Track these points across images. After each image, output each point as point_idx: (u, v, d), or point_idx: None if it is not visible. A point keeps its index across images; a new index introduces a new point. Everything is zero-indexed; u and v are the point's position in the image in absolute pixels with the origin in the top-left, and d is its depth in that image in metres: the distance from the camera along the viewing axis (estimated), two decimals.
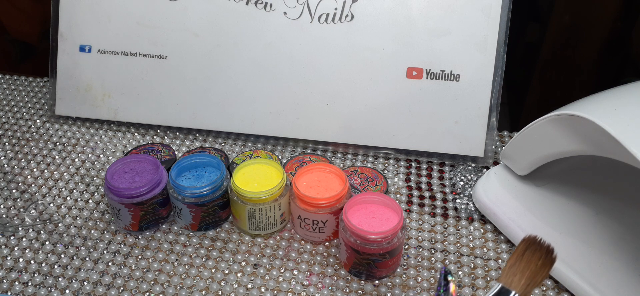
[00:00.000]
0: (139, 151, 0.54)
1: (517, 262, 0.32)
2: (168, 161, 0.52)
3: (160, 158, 0.52)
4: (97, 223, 0.47)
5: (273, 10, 0.54)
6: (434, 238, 0.46)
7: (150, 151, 0.53)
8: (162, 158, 0.52)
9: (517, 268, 0.32)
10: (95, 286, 0.42)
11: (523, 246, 0.33)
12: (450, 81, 0.52)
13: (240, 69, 0.55)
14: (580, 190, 0.46)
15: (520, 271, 0.32)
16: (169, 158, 0.52)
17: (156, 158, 0.48)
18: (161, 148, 0.54)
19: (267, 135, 0.56)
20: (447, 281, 0.31)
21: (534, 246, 0.33)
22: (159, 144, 0.55)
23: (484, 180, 0.48)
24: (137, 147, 0.54)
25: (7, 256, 0.44)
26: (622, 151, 0.34)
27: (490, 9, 0.51)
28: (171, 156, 0.53)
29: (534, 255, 0.32)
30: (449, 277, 0.31)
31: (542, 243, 0.33)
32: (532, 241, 0.33)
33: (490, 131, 0.52)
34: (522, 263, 0.32)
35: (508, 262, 0.32)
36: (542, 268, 0.32)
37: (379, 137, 0.54)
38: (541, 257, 0.32)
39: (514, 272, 0.32)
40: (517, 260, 0.32)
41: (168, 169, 0.48)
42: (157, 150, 0.53)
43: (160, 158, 0.52)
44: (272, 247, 0.45)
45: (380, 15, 0.52)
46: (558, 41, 0.88)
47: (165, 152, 0.53)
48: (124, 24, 0.56)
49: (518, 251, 0.33)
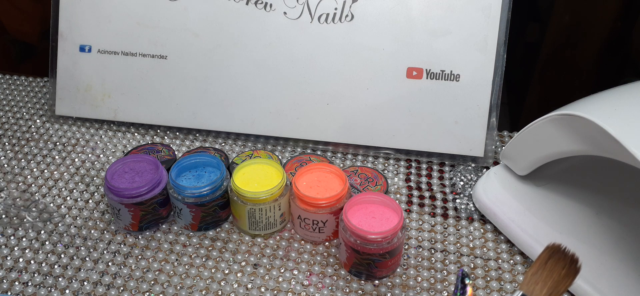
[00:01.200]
0: (139, 151, 0.54)
1: (540, 270, 0.31)
2: (168, 161, 0.52)
3: (160, 158, 0.52)
4: (97, 223, 0.47)
5: (273, 10, 0.54)
6: (434, 238, 0.46)
7: (150, 151, 0.53)
8: (162, 158, 0.52)
9: (539, 277, 0.31)
10: (95, 286, 0.42)
11: (546, 254, 0.32)
12: (450, 81, 0.52)
13: (240, 69, 0.55)
14: (580, 190, 0.46)
15: (542, 280, 0.30)
16: (169, 158, 0.52)
17: (156, 158, 0.48)
18: (161, 148, 0.54)
19: (267, 135, 0.56)
20: (464, 284, 0.30)
21: (558, 255, 0.32)
22: (159, 144, 0.55)
23: (484, 180, 0.48)
24: (137, 147, 0.55)
25: (7, 256, 0.44)
26: (622, 151, 0.34)
27: (490, 9, 0.51)
28: (171, 156, 0.53)
29: (557, 264, 0.31)
30: (467, 280, 0.31)
31: (567, 252, 0.32)
32: (556, 250, 0.32)
33: (490, 131, 0.52)
34: (544, 272, 0.31)
35: (530, 269, 0.31)
36: (566, 278, 0.30)
37: (379, 137, 0.54)
38: (565, 266, 0.31)
39: (536, 280, 0.30)
40: (539, 267, 0.31)
41: (168, 169, 0.48)
42: (157, 150, 0.53)
43: (160, 158, 0.52)
44: (272, 247, 0.45)
45: (380, 15, 0.52)
46: (558, 41, 0.88)
47: (165, 152, 0.53)
48: (124, 24, 0.56)
49: (541, 259, 0.31)
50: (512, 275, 0.43)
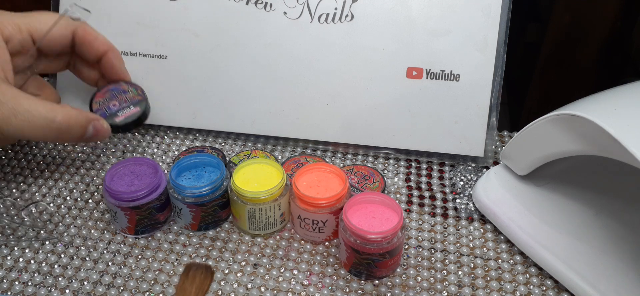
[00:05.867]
0: (103, 94, 0.50)
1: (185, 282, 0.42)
2: (140, 101, 0.49)
3: (130, 99, 0.49)
4: (97, 223, 0.47)
5: (273, 10, 0.54)
6: (433, 238, 0.46)
7: (116, 91, 0.50)
8: (131, 99, 0.49)
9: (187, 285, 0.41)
10: (95, 286, 0.42)
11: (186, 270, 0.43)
12: (450, 80, 0.52)
13: (240, 69, 0.55)
14: (580, 190, 0.46)
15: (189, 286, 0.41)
16: (140, 98, 0.50)
17: (124, 98, 0.47)
18: (127, 88, 0.51)
19: (267, 135, 0.56)
20: None
21: (195, 266, 0.43)
22: (123, 82, 0.51)
23: (484, 180, 0.48)
24: (101, 89, 0.51)
25: (7, 256, 0.44)
26: (622, 151, 0.34)
27: (490, 9, 0.51)
28: (141, 96, 0.50)
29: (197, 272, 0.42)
30: None
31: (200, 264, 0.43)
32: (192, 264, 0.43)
33: (490, 131, 0.52)
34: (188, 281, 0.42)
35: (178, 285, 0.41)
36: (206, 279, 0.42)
37: (379, 137, 0.54)
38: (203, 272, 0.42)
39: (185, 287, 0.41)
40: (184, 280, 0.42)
41: (140, 118, 0.48)
42: (123, 90, 0.50)
43: (130, 99, 0.49)
44: (272, 247, 0.45)
45: (380, 15, 0.52)
46: (558, 41, 0.88)
47: (133, 92, 0.50)
48: (124, 24, 0.56)
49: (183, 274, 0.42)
50: (512, 274, 0.43)
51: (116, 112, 0.48)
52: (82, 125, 0.44)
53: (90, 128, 0.45)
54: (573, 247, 0.42)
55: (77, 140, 0.45)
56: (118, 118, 0.48)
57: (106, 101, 0.49)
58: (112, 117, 0.48)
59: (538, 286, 0.42)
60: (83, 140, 0.45)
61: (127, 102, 0.49)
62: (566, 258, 0.41)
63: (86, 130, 0.45)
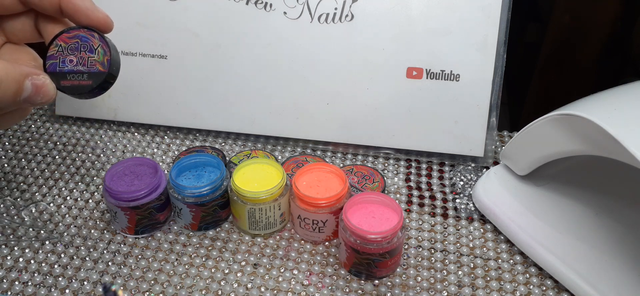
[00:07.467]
0: (68, 39, 0.38)
1: None
2: (98, 73, 0.38)
3: (91, 62, 0.38)
4: (97, 223, 0.47)
5: (273, 10, 0.54)
6: (433, 238, 0.46)
7: (84, 42, 0.39)
8: (92, 64, 0.38)
9: None
10: (95, 286, 0.42)
11: None
12: (450, 80, 0.52)
13: (240, 69, 0.55)
14: (580, 190, 0.46)
15: None
16: (101, 69, 0.38)
17: (86, 58, 0.38)
18: (97, 45, 0.39)
19: (267, 135, 0.56)
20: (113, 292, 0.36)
21: None
22: (97, 33, 0.40)
23: (484, 180, 0.48)
24: None
25: (7, 256, 0.44)
26: (622, 151, 0.34)
27: (490, 9, 0.51)
28: (103, 68, 0.38)
29: None
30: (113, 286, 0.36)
31: None
32: None
33: (490, 131, 0.52)
34: None
35: None
36: None
37: (379, 137, 0.54)
38: None
39: None
40: None
41: (90, 93, 0.38)
42: (91, 46, 0.39)
43: (91, 63, 0.38)
44: (272, 247, 0.45)
45: (380, 15, 0.52)
46: (558, 41, 0.88)
47: (99, 54, 0.39)
48: (123, 24, 0.56)
49: None
50: (512, 274, 0.43)
51: (66, 74, 0.38)
52: (15, 79, 0.34)
53: (27, 84, 0.35)
54: (573, 247, 0.42)
55: (12, 99, 0.34)
56: (65, 82, 0.38)
57: (66, 50, 0.38)
58: (59, 77, 0.37)
59: (538, 286, 0.42)
60: (22, 101, 0.35)
61: (85, 65, 0.38)
62: (566, 258, 0.41)
63: (23, 86, 0.34)
